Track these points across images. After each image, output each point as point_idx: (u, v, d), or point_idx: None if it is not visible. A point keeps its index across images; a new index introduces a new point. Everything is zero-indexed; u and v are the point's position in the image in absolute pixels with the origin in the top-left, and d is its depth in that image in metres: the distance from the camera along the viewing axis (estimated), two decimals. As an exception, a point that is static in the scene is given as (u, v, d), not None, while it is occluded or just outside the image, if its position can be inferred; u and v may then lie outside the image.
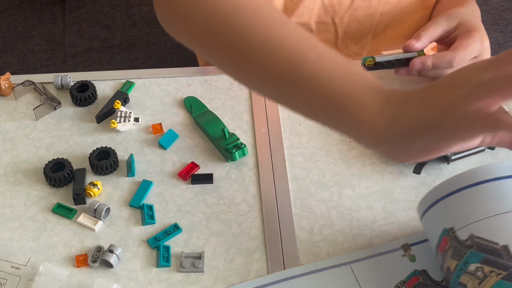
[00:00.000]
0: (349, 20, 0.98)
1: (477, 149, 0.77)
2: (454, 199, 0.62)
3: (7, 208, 0.73)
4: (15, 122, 0.82)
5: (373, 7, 0.96)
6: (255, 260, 0.69)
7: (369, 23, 0.99)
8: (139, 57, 1.35)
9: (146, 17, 1.41)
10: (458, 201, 0.62)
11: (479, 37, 0.80)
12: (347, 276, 0.67)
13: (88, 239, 0.70)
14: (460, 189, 0.62)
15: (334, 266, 0.67)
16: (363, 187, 0.75)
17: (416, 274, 0.66)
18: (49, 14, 1.42)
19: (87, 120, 0.82)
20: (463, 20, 0.83)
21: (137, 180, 0.76)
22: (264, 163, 0.77)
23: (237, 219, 0.72)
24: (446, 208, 0.62)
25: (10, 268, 0.67)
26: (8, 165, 0.77)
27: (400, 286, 0.65)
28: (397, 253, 0.68)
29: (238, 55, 0.62)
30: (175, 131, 0.80)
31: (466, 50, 0.78)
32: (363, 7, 0.97)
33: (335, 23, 0.99)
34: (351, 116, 0.57)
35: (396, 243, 0.69)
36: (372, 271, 0.67)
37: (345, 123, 0.59)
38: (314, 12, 0.96)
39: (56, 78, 0.84)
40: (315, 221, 0.72)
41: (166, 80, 0.87)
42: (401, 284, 0.66)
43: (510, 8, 1.44)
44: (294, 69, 0.59)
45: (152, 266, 0.68)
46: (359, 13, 0.98)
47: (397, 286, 0.65)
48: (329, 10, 0.97)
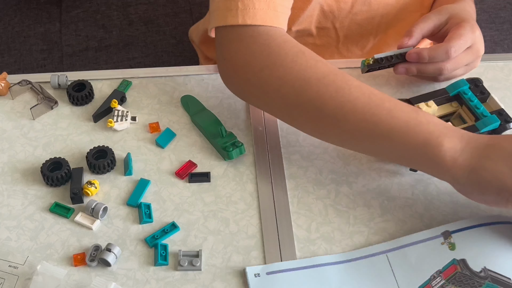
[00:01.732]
0: (350, 24, 0.98)
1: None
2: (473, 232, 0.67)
3: (5, 208, 0.73)
4: (12, 122, 0.82)
5: (373, 10, 0.96)
6: (252, 258, 0.69)
7: (369, 25, 0.99)
8: (135, 56, 1.35)
9: (142, 17, 1.41)
10: (475, 235, 0.67)
11: (469, 26, 0.80)
12: (382, 265, 0.67)
13: (86, 238, 0.70)
14: (478, 225, 0.68)
15: (370, 255, 0.68)
16: (360, 184, 0.75)
17: (455, 263, 0.65)
18: (46, 14, 1.42)
19: (84, 119, 0.82)
20: (452, 14, 0.83)
21: (134, 179, 0.76)
22: (261, 162, 0.77)
23: (234, 217, 0.72)
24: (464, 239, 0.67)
25: (8, 268, 0.67)
26: (6, 165, 0.77)
27: (436, 276, 0.65)
28: (437, 240, 0.68)
29: (317, 122, 0.71)
30: (172, 130, 0.80)
31: (461, 40, 0.79)
32: (363, 11, 0.97)
33: (335, 28, 0.99)
34: (431, 160, 0.65)
35: (436, 229, 0.69)
36: (409, 260, 0.67)
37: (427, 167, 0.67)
38: (313, 18, 0.97)
39: (53, 78, 0.85)
40: (313, 219, 0.72)
41: (163, 79, 0.87)
42: (437, 274, 0.65)
43: (506, 7, 1.44)
44: (371, 129, 0.67)
45: (150, 264, 0.68)
46: (359, 17, 0.98)
47: (433, 276, 0.65)
48: (329, 16, 0.97)
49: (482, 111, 0.76)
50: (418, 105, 0.77)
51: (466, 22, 0.81)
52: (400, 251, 0.67)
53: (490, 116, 0.75)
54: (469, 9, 0.87)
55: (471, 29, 0.80)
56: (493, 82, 0.86)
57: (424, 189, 0.75)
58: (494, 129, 0.76)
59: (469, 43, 0.80)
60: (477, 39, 0.81)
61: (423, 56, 0.79)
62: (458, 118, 0.79)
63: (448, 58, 0.79)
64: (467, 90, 0.78)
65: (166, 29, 1.38)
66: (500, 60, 0.90)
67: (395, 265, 0.66)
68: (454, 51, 0.78)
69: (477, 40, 0.81)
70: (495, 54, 1.28)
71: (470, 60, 0.81)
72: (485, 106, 0.78)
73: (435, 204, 0.73)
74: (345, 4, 0.95)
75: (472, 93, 0.78)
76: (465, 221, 0.70)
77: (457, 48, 0.79)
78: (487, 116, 0.76)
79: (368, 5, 0.96)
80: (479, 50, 0.82)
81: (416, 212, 0.73)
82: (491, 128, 0.75)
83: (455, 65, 0.80)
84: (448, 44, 0.78)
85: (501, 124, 0.76)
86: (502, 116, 0.76)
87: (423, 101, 0.78)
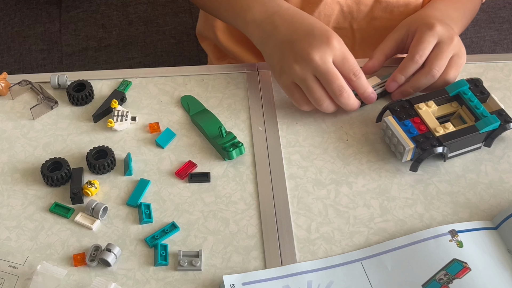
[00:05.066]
0: (368, 27, 0.98)
1: (473, 147, 0.77)
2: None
3: (5, 208, 0.73)
4: (12, 122, 0.82)
5: (395, 20, 0.95)
6: (252, 258, 0.69)
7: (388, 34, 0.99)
8: (135, 56, 1.35)
9: (142, 16, 1.41)
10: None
11: (426, 26, 0.80)
12: (357, 272, 0.67)
13: (86, 238, 0.71)
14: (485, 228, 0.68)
15: (369, 256, 0.68)
16: (360, 185, 0.75)
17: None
18: (46, 14, 1.42)
19: (84, 120, 0.82)
20: (410, 23, 0.84)
21: (134, 179, 0.76)
22: (261, 162, 0.77)
23: (234, 217, 0.72)
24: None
25: (8, 268, 0.67)
26: (6, 165, 0.77)
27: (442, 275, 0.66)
28: (445, 238, 0.68)
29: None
30: (172, 130, 0.80)
31: (422, 44, 0.79)
32: (384, 18, 0.96)
33: (352, 29, 0.99)
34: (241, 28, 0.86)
35: (443, 228, 0.69)
36: (415, 257, 0.67)
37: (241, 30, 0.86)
38: (332, 18, 0.96)
39: (53, 78, 0.84)
40: (312, 219, 0.72)
41: (163, 79, 0.87)
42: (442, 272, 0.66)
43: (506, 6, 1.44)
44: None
45: (150, 264, 0.68)
46: (378, 23, 0.97)
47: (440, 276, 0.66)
48: (347, 17, 0.97)
49: (482, 111, 0.76)
50: (418, 105, 0.77)
51: (422, 25, 0.81)
52: (376, 258, 0.68)
53: (490, 116, 0.75)
54: (433, 11, 0.86)
55: (429, 27, 0.80)
56: (493, 82, 0.86)
57: (424, 189, 0.75)
58: (494, 129, 0.76)
59: (433, 41, 0.80)
60: (440, 32, 0.80)
61: (399, 78, 0.81)
62: (458, 118, 0.79)
63: (418, 64, 0.79)
64: (467, 90, 0.78)
65: (166, 29, 1.38)
66: (500, 60, 0.90)
67: (370, 273, 0.67)
68: (419, 56, 0.79)
69: (441, 32, 0.80)
70: (495, 54, 1.28)
71: (449, 50, 0.80)
72: (485, 106, 0.79)
73: (435, 204, 0.73)
74: (365, 7, 0.95)
75: (472, 93, 0.78)
76: (471, 223, 0.70)
77: (421, 53, 0.79)
78: (487, 116, 0.76)
79: (389, 13, 0.96)
80: (450, 38, 0.80)
81: (416, 212, 0.73)
82: (491, 128, 0.75)
83: (439, 62, 0.79)
84: (411, 54, 0.80)
85: (501, 124, 0.76)
86: (502, 116, 0.77)
87: (423, 101, 0.78)
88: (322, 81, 0.77)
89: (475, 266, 0.66)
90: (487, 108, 0.78)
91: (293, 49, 0.78)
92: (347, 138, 0.80)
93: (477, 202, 0.74)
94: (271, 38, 0.81)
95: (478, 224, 0.70)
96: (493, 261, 0.67)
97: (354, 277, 0.66)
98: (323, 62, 0.76)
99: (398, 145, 0.75)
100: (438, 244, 0.68)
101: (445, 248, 0.67)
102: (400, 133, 0.75)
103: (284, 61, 0.79)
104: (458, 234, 0.68)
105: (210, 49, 1.13)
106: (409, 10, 0.96)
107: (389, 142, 0.78)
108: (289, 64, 0.78)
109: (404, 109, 0.78)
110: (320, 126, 0.81)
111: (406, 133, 0.75)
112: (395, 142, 0.76)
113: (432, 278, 0.65)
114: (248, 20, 0.83)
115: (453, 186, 0.75)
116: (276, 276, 0.66)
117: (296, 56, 0.77)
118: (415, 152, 0.75)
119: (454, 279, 0.65)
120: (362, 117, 0.82)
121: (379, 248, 0.69)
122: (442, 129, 0.75)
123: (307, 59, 0.76)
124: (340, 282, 0.66)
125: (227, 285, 0.65)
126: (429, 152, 0.74)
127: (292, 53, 0.78)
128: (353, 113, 0.82)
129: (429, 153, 0.74)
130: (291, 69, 0.78)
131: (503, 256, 0.67)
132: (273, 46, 0.81)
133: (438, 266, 0.66)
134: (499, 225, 0.70)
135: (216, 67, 0.89)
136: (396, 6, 0.95)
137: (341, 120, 0.82)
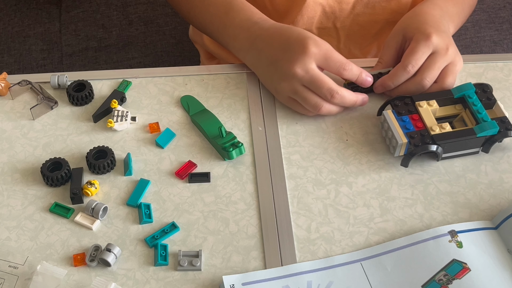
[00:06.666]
0: (351, 24, 0.98)
1: (471, 150, 0.77)
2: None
3: (5, 208, 0.73)
4: (12, 122, 0.82)
5: (377, 14, 0.96)
6: (252, 258, 0.69)
7: (373, 28, 0.99)
8: (135, 56, 1.35)
9: (142, 16, 1.41)
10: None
11: (422, 35, 0.79)
12: (358, 273, 0.67)
13: (86, 238, 0.71)
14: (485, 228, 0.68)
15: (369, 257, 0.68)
16: (360, 184, 0.75)
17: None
18: (46, 14, 1.42)
19: (84, 120, 0.82)
20: (406, 29, 0.83)
21: (134, 179, 0.76)
22: (261, 162, 0.77)
23: (234, 217, 0.72)
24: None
25: (8, 268, 0.67)
26: (5, 165, 0.77)
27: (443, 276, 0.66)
28: (444, 238, 0.68)
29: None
30: (172, 130, 0.80)
31: (416, 54, 0.79)
32: (366, 13, 0.97)
33: (336, 28, 0.99)
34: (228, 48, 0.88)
35: (443, 228, 0.69)
36: (415, 258, 0.67)
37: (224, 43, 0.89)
38: (315, 19, 0.96)
39: (53, 78, 0.84)
40: (312, 219, 0.72)
41: (162, 79, 0.87)
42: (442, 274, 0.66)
43: (506, 6, 1.44)
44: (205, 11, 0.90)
45: (150, 264, 0.68)
46: (361, 19, 0.97)
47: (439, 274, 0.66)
48: (330, 16, 0.97)
49: (483, 116, 0.76)
50: (419, 103, 0.77)
51: (419, 34, 0.80)
52: (376, 259, 0.68)
53: (490, 121, 0.75)
54: (432, 10, 0.85)
55: (424, 38, 0.79)
56: (493, 82, 0.86)
57: (424, 189, 0.75)
58: (492, 135, 0.75)
59: (427, 52, 0.79)
60: (435, 42, 0.79)
61: (388, 85, 0.81)
62: (460, 121, 0.79)
63: (409, 74, 0.79)
64: (472, 94, 0.78)
65: (166, 29, 1.38)
66: (500, 60, 0.90)
67: (370, 273, 0.67)
68: (412, 67, 0.79)
69: (436, 43, 0.79)
70: (495, 54, 1.28)
71: (442, 62, 0.80)
72: (489, 112, 0.77)
73: (435, 204, 0.73)
74: (347, 5, 0.95)
75: (477, 98, 0.78)
76: (471, 223, 0.70)
77: (414, 63, 0.79)
78: (487, 121, 0.75)
79: (371, 8, 0.96)
80: (445, 49, 0.80)
81: (416, 212, 0.73)
82: (489, 134, 0.75)
83: (431, 72, 0.79)
84: (403, 64, 0.80)
85: (500, 130, 0.75)
86: (504, 123, 0.76)
87: (426, 99, 0.78)
88: (312, 89, 0.79)
89: (474, 266, 0.66)
90: (491, 114, 0.77)
91: (277, 69, 0.80)
92: (347, 138, 0.80)
93: (477, 202, 0.74)
94: (259, 62, 0.83)
95: (478, 224, 0.70)
96: (492, 261, 0.66)
97: (354, 278, 0.66)
98: (305, 72, 0.78)
99: (392, 138, 0.75)
100: (437, 244, 0.68)
101: (445, 249, 0.67)
102: (396, 127, 0.75)
103: (274, 82, 0.81)
104: (458, 235, 0.68)
105: (201, 50, 1.16)
106: (391, 5, 0.96)
107: (385, 136, 0.78)
108: (278, 84, 0.81)
109: (405, 105, 0.78)
110: (320, 126, 0.81)
111: (402, 128, 0.75)
112: (390, 135, 0.76)
113: (432, 279, 0.65)
114: (238, 49, 0.86)
115: (453, 186, 0.75)
116: (276, 276, 0.66)
117: (281, 75, 0.80)
118: (408, 148, 0.75)
119: (453, 280, 0.65)
120: (362, 117, 0.82)
121: (378, 248, 0.69)
122: (438, 128, 0.75)
123: (290, 74, 0.78)
124: (340, 283, 0.66)
125: (227, 285, 0.65)
126: (421, 148, 0.73)
127: (277, 73, 0.80)
128: (353, 113, 0.82)
129: (421, 150, 0.74)
130: (281, 87, 0.80)
131: (503, 256, 0.67)
132: (263, 70, 0.84)
133: (437, 267, 0.66)
134: (499, 225, 0.70)
135: (216, 67, 0.89)
136: (377, 1, 0.95)
137: (341, 120, 0.82)
